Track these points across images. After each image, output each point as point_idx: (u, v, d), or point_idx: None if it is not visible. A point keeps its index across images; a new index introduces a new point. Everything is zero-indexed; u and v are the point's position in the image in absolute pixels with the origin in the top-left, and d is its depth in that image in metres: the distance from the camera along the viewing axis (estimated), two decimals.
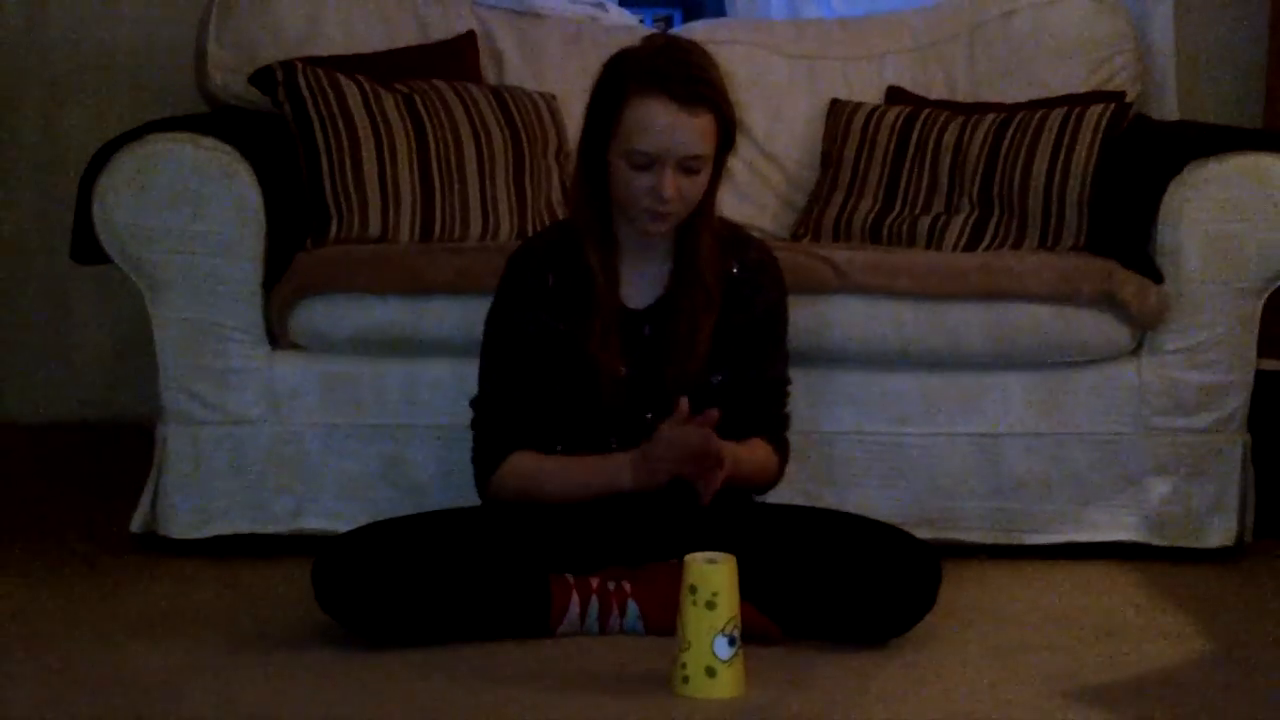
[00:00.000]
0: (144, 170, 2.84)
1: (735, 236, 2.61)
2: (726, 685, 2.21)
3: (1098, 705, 2.24)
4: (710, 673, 2.20)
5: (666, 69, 2.40)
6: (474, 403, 2.59)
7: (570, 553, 2.47)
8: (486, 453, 2.55)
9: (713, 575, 2.21)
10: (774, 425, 2.60)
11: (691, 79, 2.40)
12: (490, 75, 3.51)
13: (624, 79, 2.42)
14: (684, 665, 2.22)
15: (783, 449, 2.61)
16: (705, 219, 2.52)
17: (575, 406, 2.52)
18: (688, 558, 2.24)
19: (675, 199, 2.42)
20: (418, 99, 3.21)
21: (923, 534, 2.71)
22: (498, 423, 2.55)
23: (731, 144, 2.49)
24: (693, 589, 2.21)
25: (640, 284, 2.55)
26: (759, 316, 2.57)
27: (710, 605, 2.20)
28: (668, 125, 2.38)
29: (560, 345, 2.51)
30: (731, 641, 2.21)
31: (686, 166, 2.41)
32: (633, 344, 2.52)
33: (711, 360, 2.52)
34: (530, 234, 3.15)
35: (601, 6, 3.76)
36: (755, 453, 2.55)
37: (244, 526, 2.93)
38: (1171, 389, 2.95)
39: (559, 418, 2.53)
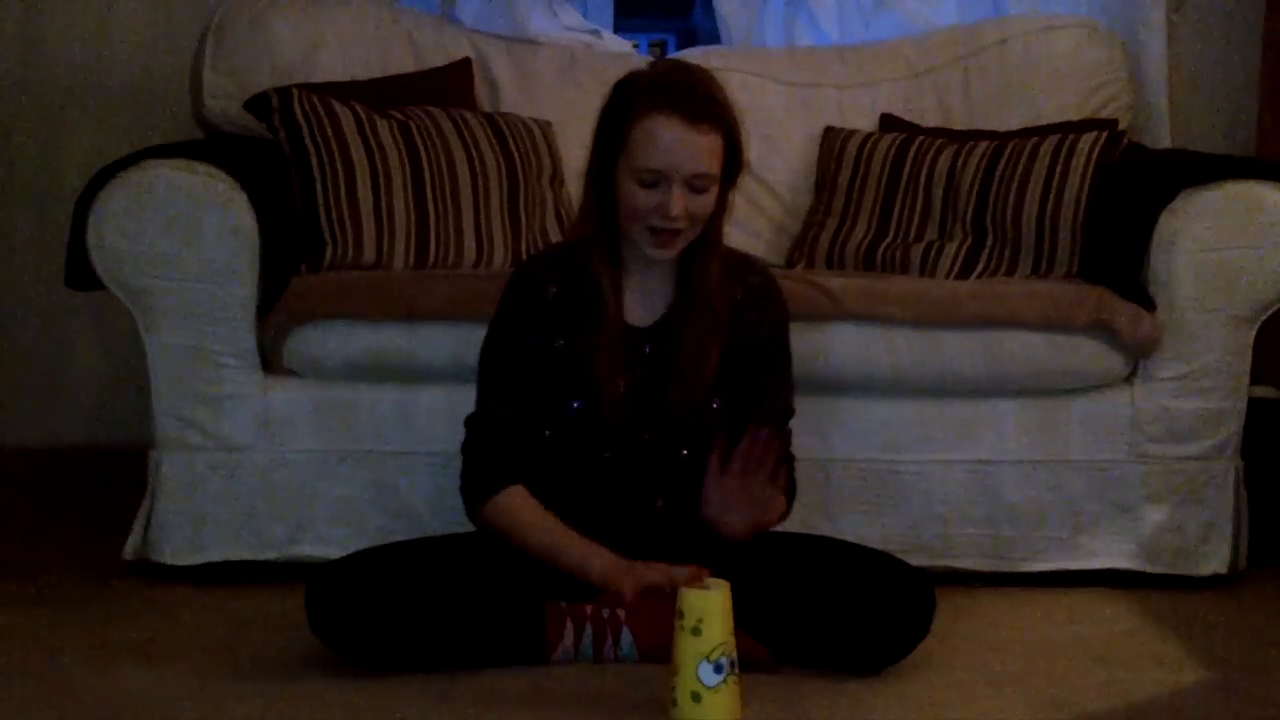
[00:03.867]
0: (139, 196, 2.84)
1: (740, 262, 2.62)
2: (713, 710, 2.19)
3: None
4: (696, 698, 2.20)
5: (675, 87, 2.42)
6: (469, 420, 2.58)
7: (564, 579, 2.47)
8: (478, 479, 2.53)
9: (698, 602, 2.20)
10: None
11: (700, 97, 2.41)
12: (485, 102, 3.52)
13: (632, 98, 2.44)
14: (673, 689, 2.22)
15: (789, 491, 2.56)
16: (713, 244, 2.52)
17: (571, 421, 2.52)
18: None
19: (682, 217, 2.42)
20: (413, 126, 3.21)
21: (917, 561, 2.71)
22: (491, 447, 2.54)
23: (738, 170, 2.49)
24: (681, 614, 2.21)
25: (642, 302, 2.55)
26: (762, 342, 2.57)
27: (695, 631, 2.20)
28: (676, 141, 2.39)
29: (558, 359, 2.51)
30: (719, 669, 2.19)
31: (694, 185, 2.42)
32: (633, 361, 2.52)
33: (713, 385, 2.53)
34: (526, 259, 3.15)
35: (597, 33, 3.77)
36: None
37: (237, 553, 2.92)
38: (1165, 416, 2.95)
39: (554, 432, 2.53)
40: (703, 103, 2.41)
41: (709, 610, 2.20)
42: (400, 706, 2.29)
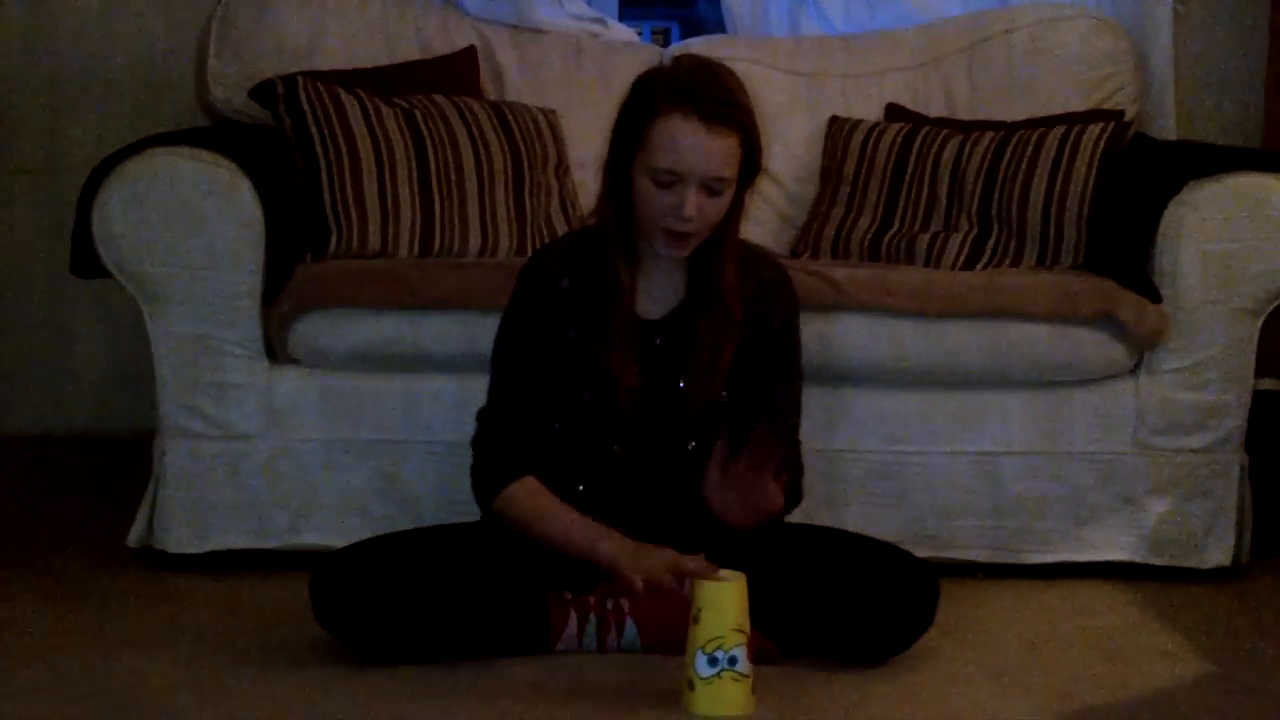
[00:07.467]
0: (144, 185, 2.84)
1: (752, 256, 2.61)
2: (703, 702, 2.20)
3: None
4: (690, 686, 2.20)
5: (696, 88, 2.40)
6: (480, 414, 2.57)
7: (568, 569, 2.47)
8: (491, 471, 2.52)
9: (701, 591, 2.21)
10: (785, 461, 2.54)
11: (720, 100, 2.40)
12: (491, 90, 3.51)
13: (653, 96, 2.42)
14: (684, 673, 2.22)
15: (794, 497, 2.56)
16: (728, 244, 2.51)
17: (581, 414, 2.52)
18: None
19: (696, 218, 2.41)
20: (418, 114, 3.21)
21: (920, 552, 2.70)
22: (503, 440, 2.53)
23: (756, 170, 2.48)
24: (692, 600, 2.22)
25: (654, 295, 2.54)
26: (774, 334, 2.57)
27: (695, 620, 2.20)
28: (694, 144, 2.38)
29: (570, 352, 2.51)
30: (713, 662, 2.19)
31: (709, 187, 2.41)
32: (644, 354, 2.52)
33: (725, 378, 2.53)
34: (530, 248, 3.15)
35: (602, 21, 3.76)
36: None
37: (241, 541, 2.92)
38: (1169, 409, 2.95)
39: (564, 425, 2.53)
40: (724, 104, 2.40)
41: (709, 601, 2.20)
42: (404, 696, 2.29)
